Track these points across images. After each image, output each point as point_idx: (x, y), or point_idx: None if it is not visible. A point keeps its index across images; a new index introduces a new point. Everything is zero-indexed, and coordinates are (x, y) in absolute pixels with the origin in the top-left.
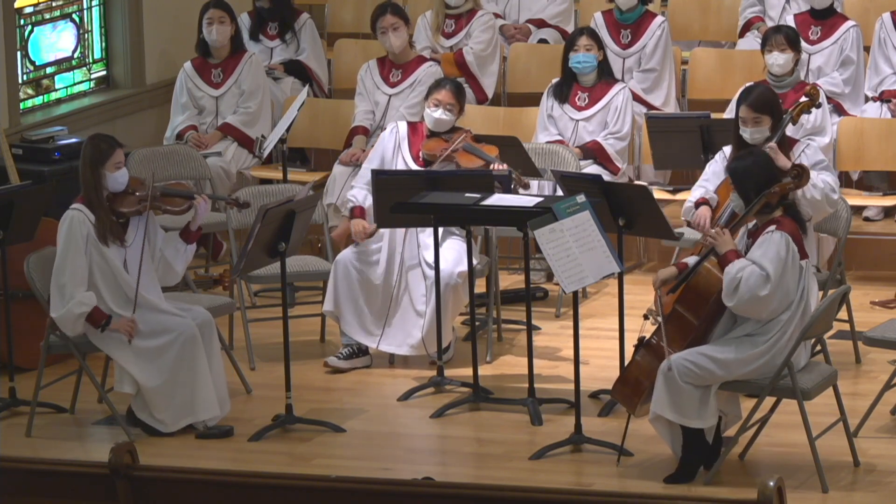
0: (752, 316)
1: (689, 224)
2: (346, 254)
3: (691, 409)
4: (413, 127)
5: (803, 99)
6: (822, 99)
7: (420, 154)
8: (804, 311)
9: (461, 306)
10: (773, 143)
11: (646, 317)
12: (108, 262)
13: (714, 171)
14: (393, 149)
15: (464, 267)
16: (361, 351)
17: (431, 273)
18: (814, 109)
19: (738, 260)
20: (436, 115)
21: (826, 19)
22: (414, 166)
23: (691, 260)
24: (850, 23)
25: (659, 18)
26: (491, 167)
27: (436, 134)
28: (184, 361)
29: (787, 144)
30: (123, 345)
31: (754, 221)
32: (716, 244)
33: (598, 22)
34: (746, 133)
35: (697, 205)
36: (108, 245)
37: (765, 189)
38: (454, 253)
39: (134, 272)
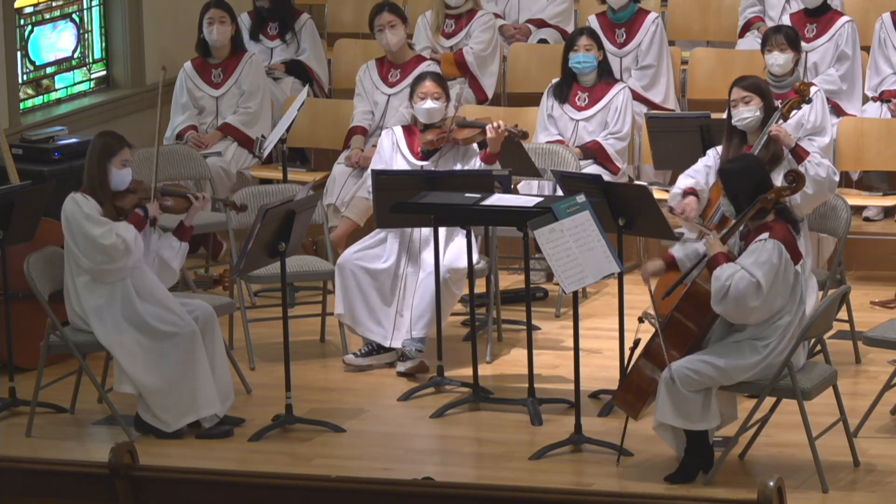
0: (738, 322)
1: (671, 210)
2: (348, 256)
3: (695, 413)
4: (408, 129)
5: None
6: (816, 97)
7: (419, 149)
8: (803, 314)
9: (453, 301)
10: (776, 125)
11: (640, 320)
12: None
13: (705, 166)
14: (391, 150)
15: (455, 263)
16: (382, 348)
17: (426, 268)
18: (805, 106)
19: (728, 264)
20: (425, 105)
21: (821, 16)
22: (415, 161)
23: (676, 251)
24: (844, 18)
25: (652, 14)
26: (487, 130)
27: (429, 127)
28: (185, 361)
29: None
30: (126, 346)
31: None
32: (706, 246)
33: (592, 24)
34: (737, 114)
35: (685, 194)
36: None
37: (755, 193)
38: (449, 250)
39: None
